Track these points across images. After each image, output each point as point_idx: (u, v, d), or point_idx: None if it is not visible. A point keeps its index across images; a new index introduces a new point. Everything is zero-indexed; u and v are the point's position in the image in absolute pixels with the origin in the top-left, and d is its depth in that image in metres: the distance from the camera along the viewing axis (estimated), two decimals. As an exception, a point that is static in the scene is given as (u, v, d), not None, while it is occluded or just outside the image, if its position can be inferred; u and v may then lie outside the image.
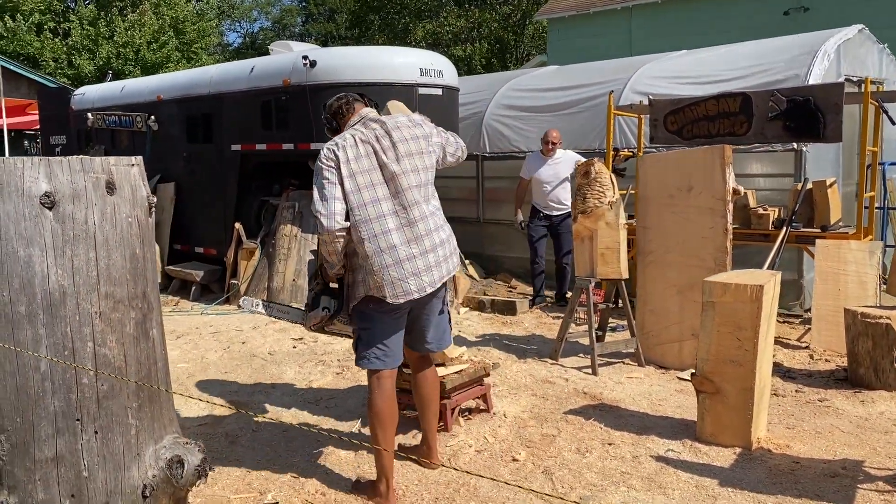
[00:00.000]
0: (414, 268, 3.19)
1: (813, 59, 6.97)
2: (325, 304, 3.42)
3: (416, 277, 3.19)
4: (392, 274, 3.15)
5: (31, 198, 1.93)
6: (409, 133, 3.30)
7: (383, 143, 3.24)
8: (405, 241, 3.19)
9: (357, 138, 3.23)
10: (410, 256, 3.19)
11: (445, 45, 26.40)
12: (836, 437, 3.93)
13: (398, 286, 3.16)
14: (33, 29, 22.15)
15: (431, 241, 3.25)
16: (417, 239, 3.21)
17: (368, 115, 3.34)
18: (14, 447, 1.97)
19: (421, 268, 3.20)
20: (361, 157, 3.20)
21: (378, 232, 3.15)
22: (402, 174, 3.22)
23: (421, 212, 3.24)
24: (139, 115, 9.42)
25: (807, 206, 6.24)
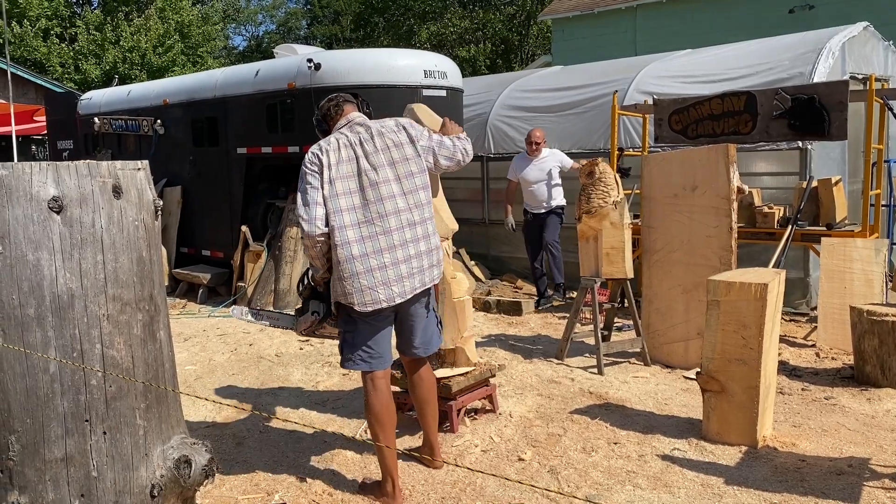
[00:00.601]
0: (385, 277, 3.16)
1: (818, 57, 6.97)
2: (314, 309, 3.43)
3: (386, 287, 3.17)
4: (362, 282, 3.14)
5: (40, 202, 1.95)
6: (392, 139, 3.28)
7: (366, 147, 3.23)
8: (378, 250, 3.16)
9: (341, 143, 3.24)
10: (382, 266, 3.16)
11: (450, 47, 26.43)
12: (842, 435, 3.93)
13: (367, 294, 3.15)
14: (40, 34, 22.28)
15: (406, 252, 3.21)
16: (391, 248, 3.18)
17: (355, 119, 3.35)
18: (24, 448, 2.00)
19: (392, 278, 3.18)
20: (343, 163, 3.20)
21: (351, 239, 3.14)
22: (382, 182, 3.20)
23: (399, 221, 3.21)
24: (146, 120, 9.47)
25: (812, 205, 6.24)
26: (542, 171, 7.30)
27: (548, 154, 7.39)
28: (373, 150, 3.23)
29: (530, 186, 7.35)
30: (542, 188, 7.32)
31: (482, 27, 27.07)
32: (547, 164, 7.31)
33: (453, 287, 4.09)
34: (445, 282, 4.07)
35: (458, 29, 27.07)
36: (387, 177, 3.22)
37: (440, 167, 3.44)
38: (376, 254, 3.16)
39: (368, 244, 3.16)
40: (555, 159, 7.36)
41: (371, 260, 3.15)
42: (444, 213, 4.16)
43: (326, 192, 3.15)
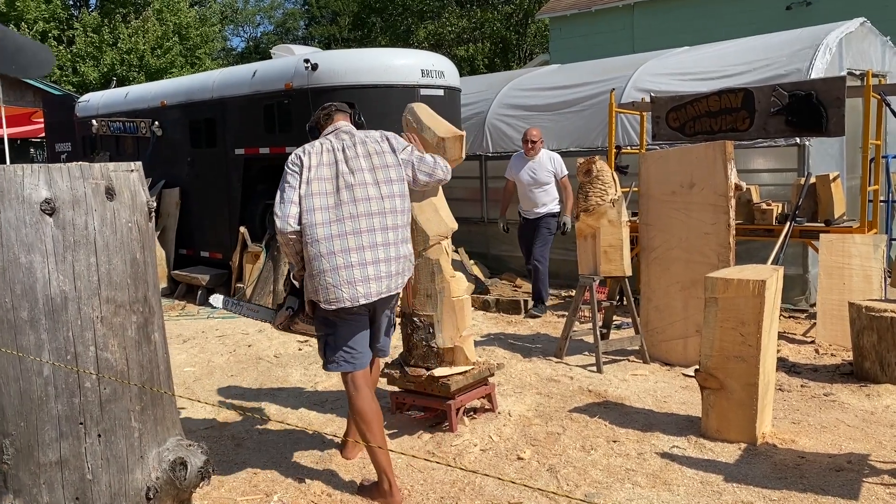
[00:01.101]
0: (350, 277, 3.20)
1: (815, 54, 6.96)
2: (289, 304, 3.51)
3: (351, 287, 3.21)
4: (327, 279, 3.20)
5: (32, 204, 1.95)
6: (375, 147, 3.38)
7: (348, 153, 3.32)
8: (346, 250, 3.21)
9: (324, 147, 3.33)
10: (348, 265, 3.21)
11: (448, 46, 26.41)
12: (841, 432, 3.93)
13: (331, 292, 3.20)
14: (38, 37, 22.26)
15: (375, 255, 3.26)
16: (360, 249, 3.23)
17: (342, 127, 3.46)
18: (18, 451, 1.99)
19: (358, 278, 3.22)
20: (323, 165, 3.28)
21: (320, 237, 3.20)
22: (359, 185, 3.27)
23: (371, 223, 3.27)
24: (143, 121, 9.47)
25: (810, 201, 6.23)
26: (536, 174, 7.03)
27: (545, 156, 7.11)
28: (353, 156, 3.32)
29: (523, 188, 7.10)
30: (534, 191, 7.04)
31: (480, 26, 27.05)
32: (542, 166, 7.04)
33: (452, 286, 4.08)
34: (444, 280, 4.06)
35: (456, 28, 27.04)
36: (364, 180, 3.29)
37: (419, 182, 3.54)
38: (343, 252, 3.21)
39: (336, 242, 3.21)
40: (550, 163, 7.05)
41: (338, 258, 3.20)
42: (444, 213, 4.16)
43: (303, 191, 3.22)
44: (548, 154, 7.17)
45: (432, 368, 4.08)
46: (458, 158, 3.98)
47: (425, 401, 4.17)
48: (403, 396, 4.28)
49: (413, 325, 4.14)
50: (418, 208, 4.10)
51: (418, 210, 4.10)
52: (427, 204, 4.13)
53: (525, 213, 7.20)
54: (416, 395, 4.20)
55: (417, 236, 4.08)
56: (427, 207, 4.12)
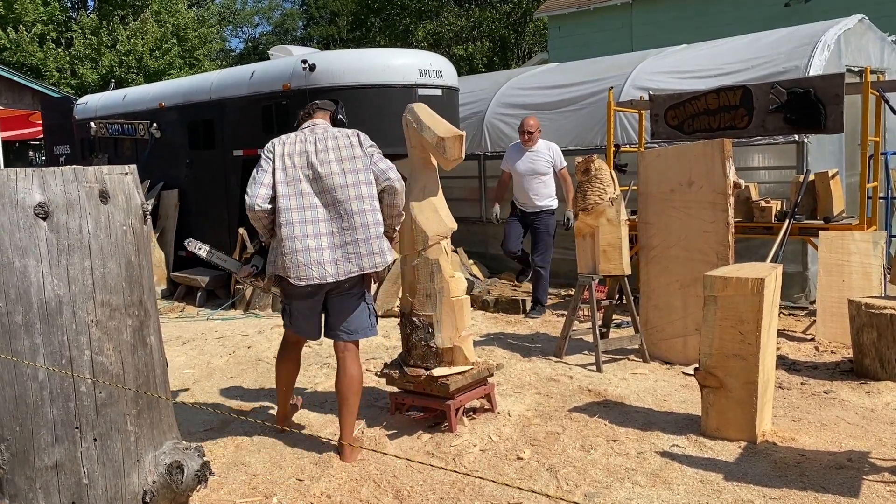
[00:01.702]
0: (320, 258, 3.60)
1: (813, 50, 6.95)
2: (254, 262, 4.01)
3: (320, 266, 3.60)
4: (299, 259, 3.59)
5: (25, 208, 1.94)
6: (343, 142, 3.72)
7: (318, 146, 3.69)
8: (316, 234, 3.60)
9: (298, 138, 3.73)
10: (318, 248, 3.60)
11: (447, 46, 26.40)
12: (841, 429, 3.92)
13: (302, 270, 3.60)
14: (36, 39, 22.25)
15: (342, 239, 3.64)
16: (329, 234, 3.63)
17: (318, 124, 3.83)
18: (14, 456, 1.99)
19: (327, 259, 3.61)
20: (295, 154, 3.68)
21: (294, 220, 3.59)
22: (326, 175, 3.64)
23: (337, 210, 3.63)
24: (142, 123, 9.46)
25: (809, 198, 6.22)
26: (534, 164, 6.87)
27: (544, 147, 6.95)
28: (323, 149, 3.69)
29: (520, 180, 6.92)
30: (532, 182, 6.88)
31: (479, 25, 27.05)
32: (540, 156, 6.88)
33: (451, 286, 4.07)
34: (444, 280, 4.05)
35: (455, 27, 27.04)
36: (331, 170, 3.65)
37: (377, 171, 3.77)
38: (314, 236, 3.61)
39: (310, 227, 3.61)
40: (550, 154, 6.91)
41: (309, 241, 3.60)
42: (443, 212, 4.15)
43: (278, 177, 3.62)
44: (546, 144, 7.00)
45: (431, 368, 4.07)
46: (457, 158, 3.98)
47: (424, 401, 4.16)
48: (403, 397, 4.27)
49: (412, 325, 4.13)
50: (417, 208, 4.10)
51: (417, 210, 4.10)
52: (426, 204, 4.12)
53: (521, 206, 6.99)
54: (416, 396, 4.19)
55: (417, 236, 4.08)
56: (426, 207, 4.12)
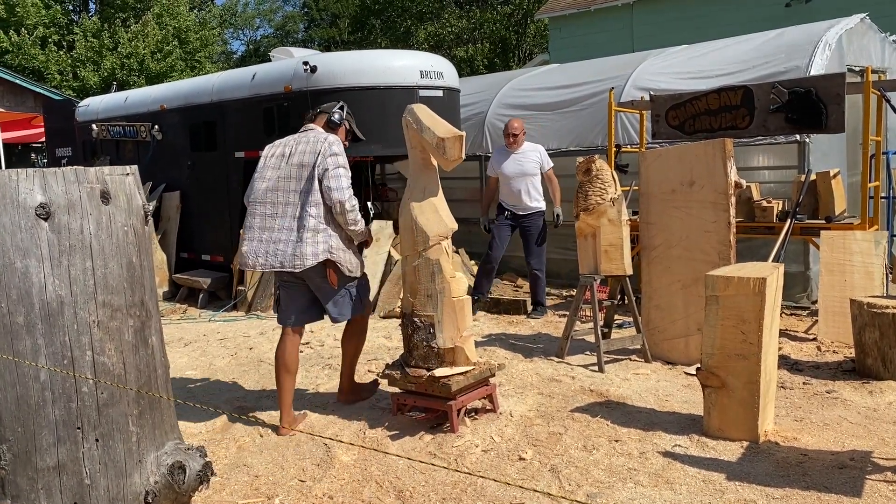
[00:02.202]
0: (257, 248, 4.13)
1: (814, 50, 6.95)
2: None
3: (254, 256, 4.14)
4: (244, 247, 4.17)
5: (27, 209, 1.94)
6: (311, 148, 4.11)
7: (294, 149, 4.15)
8: (261, 227, 4.13)
9: (284, 141, 4.24)
10: (259, 239, 4.13)
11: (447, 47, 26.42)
12: (844, 429, 3.91)
13: (244, 257, 4.17)
14: (38, 42, 22.30)
15: (277, 236, 4.10)
16: (269, 229, 4.12)
17: (308, 128, 4.29)
18: (16, 457, 1.99)
19: (259, 251, 4.13)
20: (276, 156, 4.20)
21: (250, 212, 4.17)
22: (284, 178, 4.12)
23: (283, 210, 4.11)
24: (143, 126, 9.47)
25: (811, 198, 6.22)
26: (522, 165, 6.81)
27: (530, 148, 6.91)
28: (292, 153, 4.14)
29: (509, 182, 6.85)
30: (521, 183, 6.81)
31: (479, 27, 27.05)
32: (528, 157, 6.82)
33: (452, 286, 4.07)
34: (445, 281, 4.05)
35: (456, 29, 27.05)
36: (290, 174, 4.11)
37: (323, 188, 4.09)
38: (258, 229, 4.13)
39: (258, 219, 4.14)
40: (537, 155, 6.86)
41: (254, 232, 4.14)
42: (444, 213, 4.15)
43: (256, 174, 4.20)
44: (532, 145, 6.98)
45: (433, 369, 4.07)
46: (457, 159, 3.98)
47: (426, 401, 4.16)
48: (404, 397, 4.27)
49: (413, 326, 4.13)
50: (418, 208, 4.10)
51: (418, 210, 4.10)
52: (427, 204, 4.12)
53: (513, 208, 6.92)
54: (417, 396, 4.19)
55: (417, 237, 4.08)
56: (427, 208, 4.12)
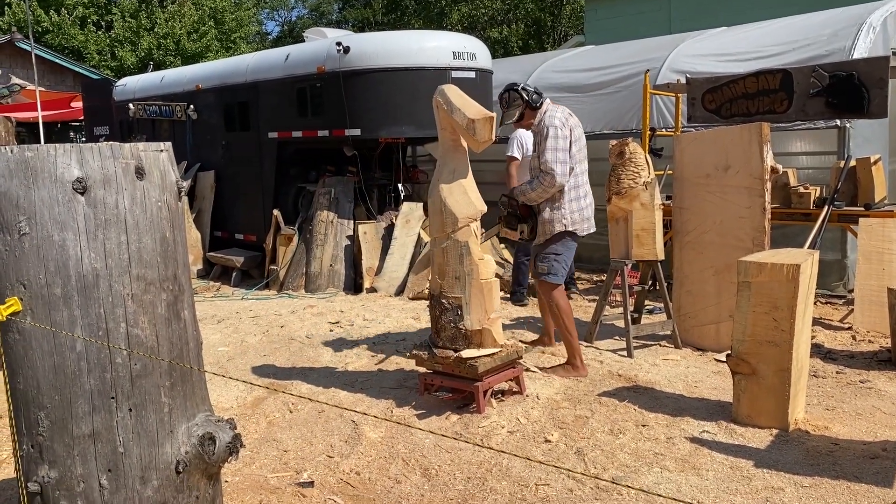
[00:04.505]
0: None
1: (858, 32, 6.78)
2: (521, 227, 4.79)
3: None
4: (589, 212, 4.79)
5: (64, 183, 1.99)
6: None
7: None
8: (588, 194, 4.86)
9: (567, 119, 4.70)
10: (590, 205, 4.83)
11: (481, 28, 26.24)
12: (877, 419, 3.85)
13: (589, 221, 4.81)
14: (77, 22, 22.63)
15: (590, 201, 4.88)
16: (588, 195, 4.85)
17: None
18: (53, 424, 2.05)
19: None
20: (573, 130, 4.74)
21: (577, 182, 4.77)
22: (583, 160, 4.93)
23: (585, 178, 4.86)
24: (179, 105, 9.59)
25: (850, 184, 6.09)
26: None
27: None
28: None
29: (526, 164, 6.56)
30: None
31: (514, 8, 26.80)
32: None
33: (480, 268, 4.07)
34: (473, 263, 4.06)
35: (490, 10, 26.84)
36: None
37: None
38: (586, 197, 4.81)
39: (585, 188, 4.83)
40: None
41: (587, 199, 4.81)
42: (473, 195, 4.15)
43: (565, 146, 4.59)
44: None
45: (460, 350, 4.09)
46: (487, 140, 3.96)
47: (453, 382, 4.18)
48: (431, 377, 4.30)
49: (441, 307, 4.15)
50: (447, 190, 4.10)
51: (447, 192, 4.10)
52: (456, 186, 4.12)
53: None
54: (444, 377, 4.22)
55: (446, 218, 4.08)
56: (456, 189, 4.11)
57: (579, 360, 4.68)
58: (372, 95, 7.37)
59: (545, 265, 4.69)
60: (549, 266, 4.68)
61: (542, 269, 4.70)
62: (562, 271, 4.71)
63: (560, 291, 4.74)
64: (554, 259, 4.67)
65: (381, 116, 7.44)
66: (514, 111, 4.73)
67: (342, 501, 3.23)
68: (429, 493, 3.26)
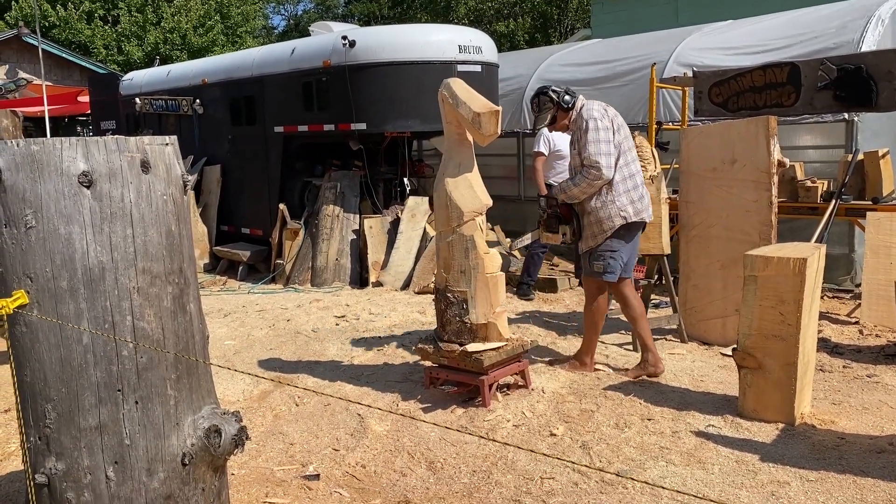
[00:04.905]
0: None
1: (866, 25, 6.74)
2: (563, 231, 4.63)
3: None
4: (648, 199, 4.55)
5: (70, 177, 1.99)
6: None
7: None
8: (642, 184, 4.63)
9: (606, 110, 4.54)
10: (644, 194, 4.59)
11: (488, 22, 26.17)
12: (884, 413, 3.84)
13: (650, 209, 4.59)
14: (84, 17, 22.67)
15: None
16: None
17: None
18: (60, 416, 2.06)
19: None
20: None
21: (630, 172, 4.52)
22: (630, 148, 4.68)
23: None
24: (185, 99, 9.60)
25: (858, 178, 6.06)
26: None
27: None
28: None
29: (563, 161, 6.68)
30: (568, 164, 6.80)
31: (521, 1, 26.71)
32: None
33: (486, 262, 4.07)
34: (478, 257, 4.06)
35: (496, 4, 26.75)
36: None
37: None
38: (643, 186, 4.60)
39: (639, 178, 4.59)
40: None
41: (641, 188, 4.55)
42: (478, 188, 4.14)
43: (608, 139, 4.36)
44: None
45: (465, 344, 4.09)
46: (493, 134, 3.95)
47: (458, 376, 4.19)
48: (437, 371, 4.30)
49: (447, 301, 4.15)
50: (452, 184, 4.10)
51: (452, 186, 4.09)
52: (462, 180, 4.12)
53: None
54: (450, 371, 4.22)
55: (451, 212, 4.08)
56: (461, 183, 4.11)
57: (589, 358, 4.62)
58: (378, 89, 7.36)
59: (601, 263, 4.42)
60: (604, 264, 4.41)
61: (598, 267, 4.42)
62: (618, 269, 4.45)
63: (604, 295, 4.55)
64: (610, 256, 4.41)
65: (386, 110, 7.44)
66: (545, 115, 4.53)
67: (348, 494, 3.24)
68: (434, 486, 3.27)
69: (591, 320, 4.59)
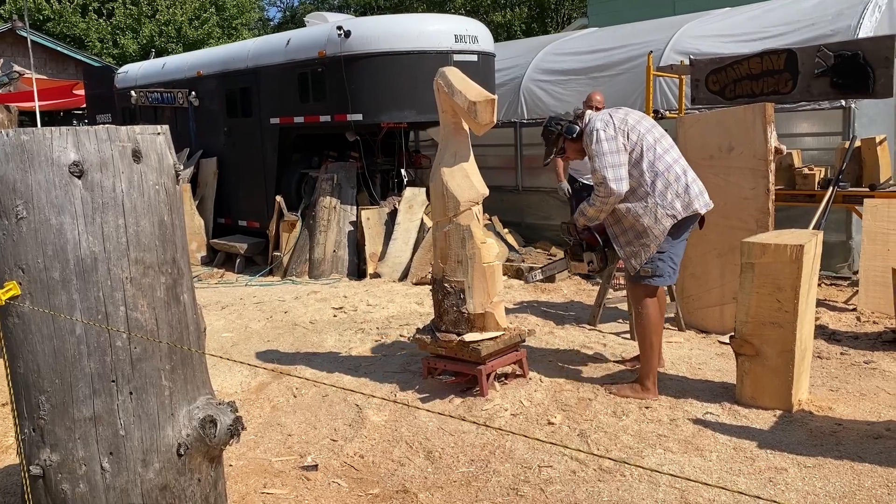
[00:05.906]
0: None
1: (863, 11, 6.71)
2: (588, 259, 4.30)
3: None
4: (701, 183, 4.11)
5: (61, 167, 1.98)
6: None
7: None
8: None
9: (632, 114, 4.22)
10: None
11: (484, 12, 26.07)
12: (881, 399, 3.84)
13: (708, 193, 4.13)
14: (78, 10, 22.56)
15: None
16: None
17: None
18: (54, 407, 2.05)
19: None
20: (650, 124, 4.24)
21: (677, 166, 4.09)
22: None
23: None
24: (180, 92, 9.56)
25: (855, 165, 6.05)
26: None
27: None
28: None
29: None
30: None
31: (517, -9, 26.60)
32: None
33: (483, 252, 4.06)
34: (475, 247, 4.05)
35: (493, -6, 26.63)
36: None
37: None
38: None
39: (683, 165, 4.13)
40: None
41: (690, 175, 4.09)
42: (475, 178, 4.13)
43: (649, 137, 4.00)
44: None
45: (463, 334, 4.08)
46: (489, 122, 3.94)
47: (456, 366, 4.19)
48: (434, 361, 4.30)
49: (444, 291, 4.14)
50: (449, 174, 4.08)
51: (449, 175, 4.08)
52: (458, 169, 4.10)
53: (586, 179, 6.86)
54: (447, 360, 4.22)
55: (448, 202, 4.07)
56: (458, 173, 4.10)
57: (651, 382, 4.00)
58: (373, 80, 7.33)
59: (649, 267, 3.97)
60: (653, 267, 3.98)
61: (647, 271, 3.98)
62: (668, 271, 4.01)
63: (654, 302, 4.04)
64: (659, 258, 3.97)
65: (382, 101, 7.41)
66: (551, 148, 4.21)
67: (346, 484, 3.24)
68: (432, 476, 3.27)
69: (643, 336, 4.05)
